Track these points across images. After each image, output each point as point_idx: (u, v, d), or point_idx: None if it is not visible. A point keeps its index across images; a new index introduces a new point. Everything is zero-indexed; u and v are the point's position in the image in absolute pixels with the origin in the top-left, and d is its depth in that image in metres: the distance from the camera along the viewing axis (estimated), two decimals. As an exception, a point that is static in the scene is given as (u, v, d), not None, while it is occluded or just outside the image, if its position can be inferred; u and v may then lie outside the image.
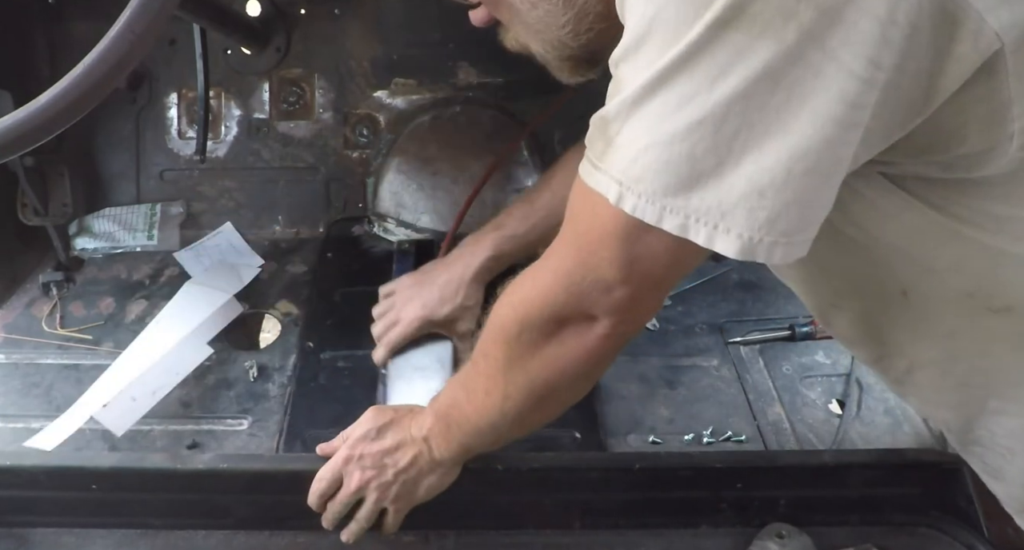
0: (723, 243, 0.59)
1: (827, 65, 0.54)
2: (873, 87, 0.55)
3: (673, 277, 0.70)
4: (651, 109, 0.59)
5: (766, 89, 0.55)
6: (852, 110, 0.56)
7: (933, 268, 0.71)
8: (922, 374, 0.82)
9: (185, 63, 1.58)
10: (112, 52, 0.79)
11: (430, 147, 1.64)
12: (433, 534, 0.96)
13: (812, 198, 0.59)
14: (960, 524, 0.92)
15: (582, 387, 0.83)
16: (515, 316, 0.79)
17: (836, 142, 0.56)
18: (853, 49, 0.54)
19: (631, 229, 0.63)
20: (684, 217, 0.59)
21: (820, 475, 0.94)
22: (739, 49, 0.54)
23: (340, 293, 1.51)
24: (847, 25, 0.53)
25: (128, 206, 1.68)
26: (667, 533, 0.96)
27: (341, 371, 1.35)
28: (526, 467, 0.95)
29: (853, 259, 0.77)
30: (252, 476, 0.95)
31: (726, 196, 0.58)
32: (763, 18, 0.54)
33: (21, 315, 1.49)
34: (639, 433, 1.23)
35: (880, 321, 0.82)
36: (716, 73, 0.55)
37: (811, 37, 0.54)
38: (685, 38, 0.55)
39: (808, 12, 0.53)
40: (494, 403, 0.85)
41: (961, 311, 0.73)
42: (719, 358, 1.36)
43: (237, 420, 1.28)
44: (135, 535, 0.97)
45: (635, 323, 0.75)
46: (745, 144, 0.57)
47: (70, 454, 1.16)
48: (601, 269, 0.68)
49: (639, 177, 0.61)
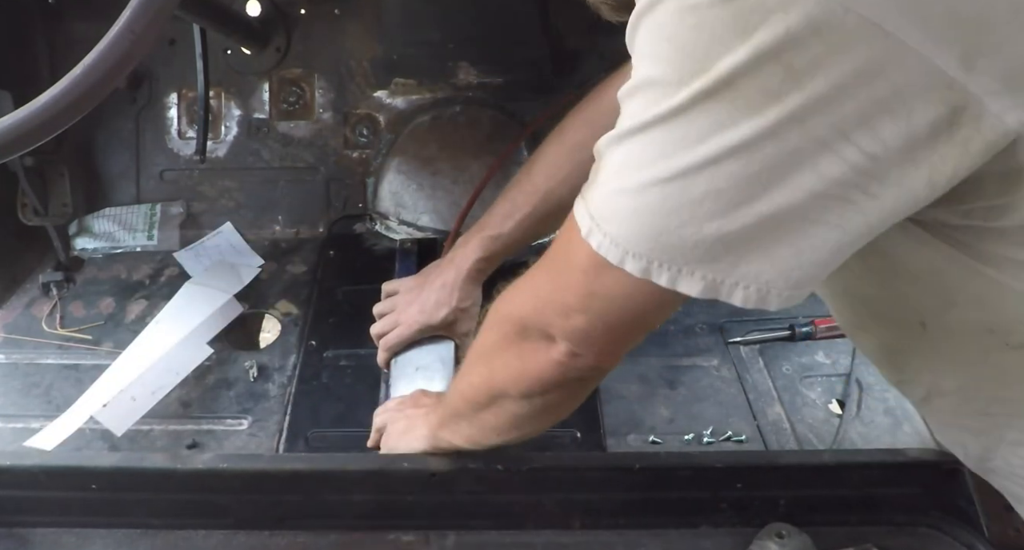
0: (687, 284, 0.59)
1: (807, 145, 0.54)
2: (862, 171, 0.55)
3: (631, 319, 0.68)
4: (630, 155, 0.60)
5: (740, 161, 0.55)
6: (836, 187, 0.55)
7: (953, 302, 0.71)
8: (941, 401, 0.82)
9: (185, 63, 1.58)
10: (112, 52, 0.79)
11: (430, 147, 1.64)
12: (433, 534, 0.96)
13: (787, 260, 0.58)
14: (960, 524, 0.92)
15: (535, 410, 0.81)
16: (498, 310, 0.80)
17: (813, 213, 0.56)
18: (838, 133, 0.53)
19: (594, 263, 0.63)
20: (647, 261, 0.60)
21: (820, 475, 0.94)
22: (719, 120, 0.55)
23: (342, 291, 1.51)
24: (833, 111, 0.53)
25: (128, 206, 1.68)
26: (667, 533, 0.96)
27: (343, 370, 1.35)
28: (526, 467, 0.95)
29: (874, 288, 0.77)
30: (252, 476, 0.95)
31: (690, 250, 0.58)
32: (747, 95, 0.53)
33: (21, 315, 1.49)
34: (639, 433, 1.23)
35: (899, 348, 0.81)
36: (693, 138, 0.56)
37: (793, 118, 0.53)
38: (671, 99, 0.56)
39: (793, 96, 0.53)
40: (462, 384, 0.88)
41: (979, 345, 0.72)
42: (719, 358, 1.36)
43: (237, 420, 1.28)
44: (135, 535, 0.97)
45: (593, 358, 0.72)
46: (711, 210, 0.57)
47: (70, 454, 1.16)
48: (564, 292, 0.68)
49: (608, 217, 0.62)
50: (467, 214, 1.47)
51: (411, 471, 0.94)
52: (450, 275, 1.24)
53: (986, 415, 0.78)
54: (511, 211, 1.21)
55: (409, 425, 1.00)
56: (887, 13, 0.51)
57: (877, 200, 0.57)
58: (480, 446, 0.91)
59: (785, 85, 0.53)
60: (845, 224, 0.58)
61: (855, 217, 0.57)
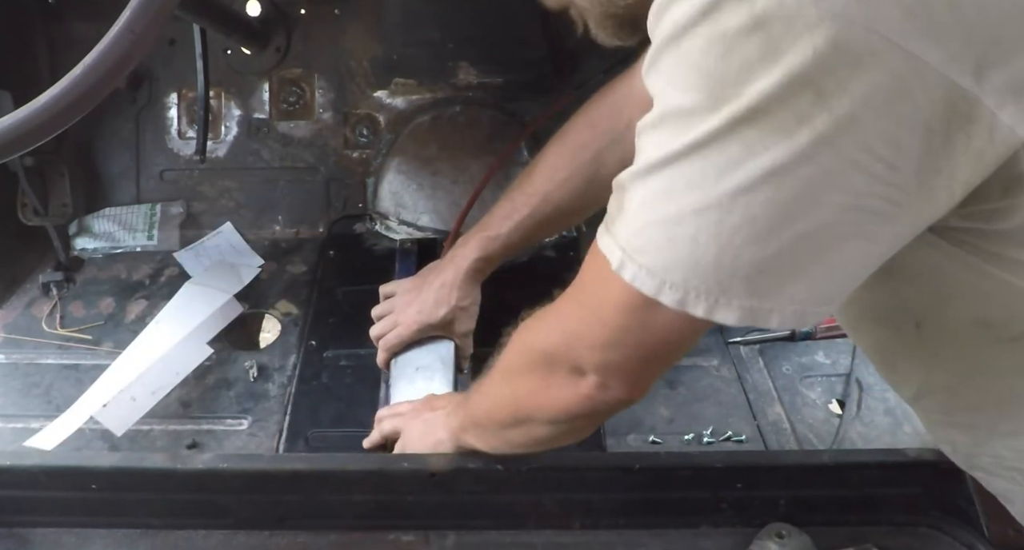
0: (723, 314, 0.60)
1: (838, 165, 0.55)
2: (889, 183, 0.56)
3: (665, 351, 0.69)
4: (660, 187, 0.60)
5: (773, 186, 0.56)
6: (865, 199, 0.56)
7: (950, 297, 0.71)
8: (932, 398, 0.83)
9: (185, 63, 1.58)
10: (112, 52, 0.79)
11: (430, 147, 1.64)
12: (433, 534, 0.96)
13: (822, 279, 0.60)
14: (960, 524, 0.92)
15: (560, 433, 0.83)
16: (523, 339, 0.81)
17: (844, 227, 0.58)
18: (866, 150, 0.55)
19: (629, 297, 0.64)
20: (684, 292, 0.60)
21: (820, 475, 0.94)
22: (750, 146, 0.55)
23: (342, 291, 1.51)
24: (860, 130, 0.54)
25: (128, 206, 1.68)
26: (667, 533, 0.96)
27: (343, 370, 1.35)
28: (526, 467, 0.95)
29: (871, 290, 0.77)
30: (252, 476, 0.95)
31: (727, 278, 0.59)
32: (778, 119, 0.54)
33: (21, 315, 1.49)
34: (639, 433, 1.23)
35: (894, 349, 0.82)
36: (724, 166, 0.56)
37: (823, 140, 0.54)
38: (701, 127, 0.56)
39: (822, 117, 0.53)
40: (486, 402, 0.90)
41: (974, 341, 0.73)
42: (719, 358, 1.36)
43: (237, 420, 1.28)
44: (135, 535, 0.97)
45: (624, 391, 0.73)
46: (747, 236, 0.57)
47: (70, 454, 1.16)
48: (596, 327, 0.69)
49: (642, 249, 0.62)
50: (467, 214, 1.47)
51: (411, 471, 0.94)
52: (449, 275, 1.24)
53: (977, 410, 0.79)
54: (511, 212, 1.22)
55: (428, 428, 1.01)
56: (908, 34, 0.52)
57: (902, 210, 0.58)
58: (500, 453, 0.93)
59: (815, 108, 0.54)
60: (874, 236, 0.59)
61: (883, 228, 0.59)
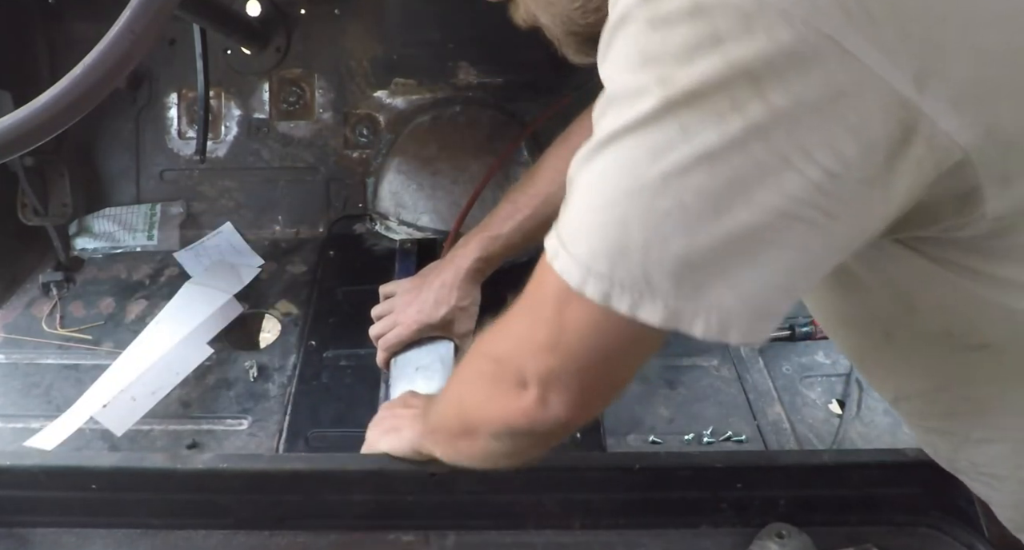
0: (648, 311, 0.58)
1: (770, 159, 0.54)
2: (823, 191, 0.55)
3: (600, 359, 0.64)
4: (598, 169, 0.59)
5: (705, 172, 0.54)
6: (798, 206, 0.55)
7: (914, 308, 0.71)
8: (908, 405, 0.83)
9: (185, 63, 1.58)
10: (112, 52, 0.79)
11: (430, 147, 1.64)
12: (433, 534, 0.96)
13: (749, 286, 0.57)
14: (960, 524, 0.92)
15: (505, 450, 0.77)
16: (480, 343, 0.77)
17: (776, 233, 0.56)
18: (800, 149, 0.54)
19: (561, 292, 0.61)
20: (608, 284, 0.58)
21: (820, 475, 0.94)
22: (686, 128, 0.54)
23: (342, 291, 1.51)
24: (796, 126, 0.53)
25: (128, 206, 1.68)
26: (667, 533, 0.96)
27: (343, 370, 1.35)
28: (526, 467, 0.95)
29: (839, 298, 0.77)
30: (252, 476, 0.95)
31: (653, 270, 0.57)
32: (713, 103, 0.53)
33: (21, 315, 1.49)
34: (639, 433, 1.23)
35: (866, 355, 0.82)
36: (659, 147, 0.55)
37: (757, 130, 0.53)
38: (639, 107, 0.55)
39: (757, 107, 0.53)
40: (441, 406, 0.85)
41: (941, 348, 0.73)
42: (719, 358, 1.36)
43: (237, 420, 1.28)
44: (135, 535, 0.97)
45: (562, 410, 0.68)
46: (676, 225, 0.56)
47: (70, 454, 1.16)
48: (535, 328, 0.66)
49: (573, 237, 0.60)
50: (467, 214, 1.47)
51: (411, 471, 0.94)
52: (449, 275, 1.24)
53: (952, 416, 0.78)
54: (512, 213, 1.21)
55: (395, 425, 0.99)
56: (845, 32, 0.52)
57: (837, 221, 0.56)
58: (457, 464, 0.87)
59: (751, 97, 0.53)
60: (806, 245, 0.57)
61: (816, 239, 0.57)
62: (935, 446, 0.84)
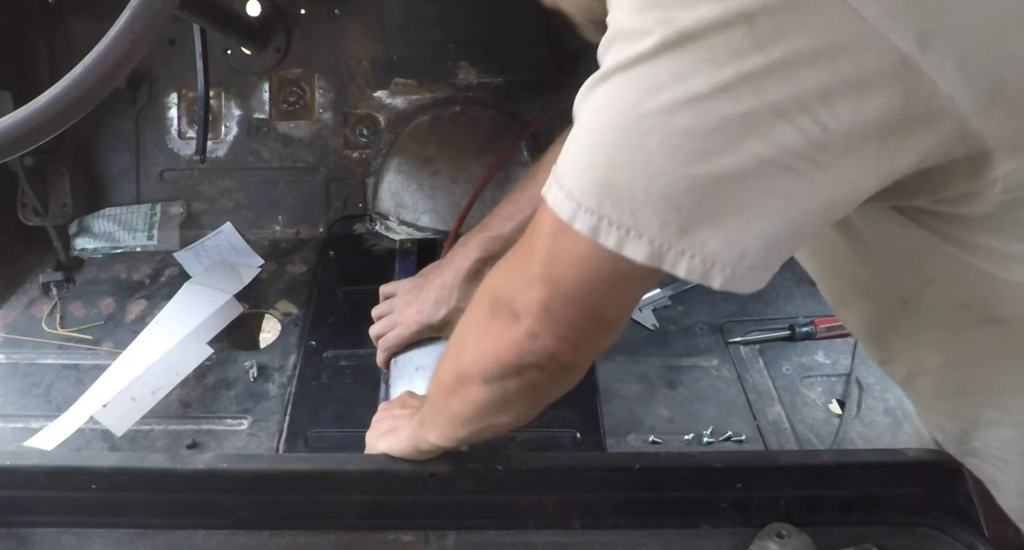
0: (633, 248, 0.59)
1: (762, 109, 0.54)
2: (814, 141, 0.55)
3: (585, 293, 0.65)
4: (592, 106, 0.60)
5: (693, 114, 0.55)
6: (787, 156, 0.55)
7: (930, 280, 0.71)
8: (921, 382, 0.83)
9: (185, 63, 1.58)
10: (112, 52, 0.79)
11: (430, 147, 1.64)
12: (433, 534, 0.96)
13: (734, 231, 0.58)
14: (960, 524, 0.92)
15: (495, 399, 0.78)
16: (482, 284, 0.78)
17: (762, 180, 0.56)
18: (794, 101, 0.54)
19: (554, 224, 0.63)
20: (596, 219, 0.59)
21: (820, 475, 0.94)
22: (677, 70, 0.55)
23: (342, 291, 1.51)
24: (791, 78, 0.54)
25: (128, 206, 1.68)
26: (667, 533, 0.96)
27: (343, 370, 1.35)
28: (526, 467, 0.95)
29: (856, 266, 0.77)
30: (252, 476, 0.95)
31: (639, 208, 0.58)
32: (708, 48, 0.54)
33: (21, 315, 1.49)
34: (639, 433, 1.23)
35: (882, 327, 0.82)
36: (651, 86, 0.56)
37: (749, 79, 0.54)
38: (636, 47, 0.56)
39: (753, 58, 0.53)
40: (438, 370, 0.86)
41: (956, 321, 0.73)
42: (719, 358, 1.36)
43: (237, 420, 1.28)
44: (135, 535, 0.97)
45: (551, 342, 0.69)
46: (663, 162, 0.56)
47: (70, 454, 1.16)
48: (529, 261, 0.67)
49: (566, 171, 0.62)
50: (467, 214, 1.47)
51: (411, 471, 0.94)
52: (449, 275, 1.24)
53: (963, 395, 0.79)
54: (512, 213, 1.21)
55: (393, 426, 0.99)
56: None
57: (826, 174, 0.57)
58: (453, 440, 0.88)
59: (748, 46, 0.53)
60: (793, 195, 0.57)
61: (803, 189, 0.57)
62: (945, 430, 0.85)
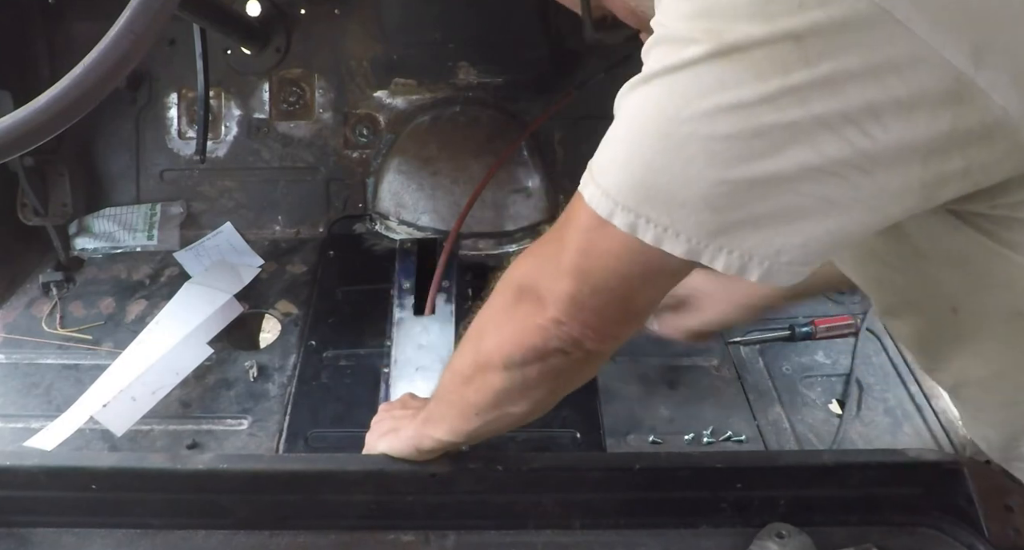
0: (671, 243, 0.60)
1: (806, 122, 0.55)
2: (860, 151, 0.56)
3: (615, 284, 0.67)
4: (633, 106, 0.61)
5: (734, 121, 0.56)
6: (830, 163, 0.56)
7: (983, 286, 0.71)
8: (968, 391, 0.83)
9: (185, 63, 1.58)
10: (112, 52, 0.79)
11: (430, 147, 1.64)
12: (433, 534, 0.96)
13: (772, 231, 0.59)
14: (960, 524, 0.92)
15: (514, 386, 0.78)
16: (508, 273, 0.79)
17: (805, 185, 0.57)
18: (841, 115, 0.55)
19: (588, 219, 0.64)
20: (635, 216, 0.61)
21: (820, 475, 0.94)
22: (724, 80, 0.56)
23: (342, 291, 1.51)
24: (838, 93, 0.55)
25: (128, 206, 1.68)
26: (667, 533, 0.96)
27: (343, 370, 1.35)
28: (526, 467, 0.95)
29: (905, 275, 0.78)
30: (252, 476, 0.95)
31: (678, 208, 0.59)
32: (754, 61, 0.55)
33: (21, 315, 1.49)
34: (639, 433, 1.23)
35: (930, 336, 0.82)
36: (694, 92, 0.57)
37: (794, 93, 0.55)
38: (682, 54, 0.57)
39: (801, 73, 0.54)
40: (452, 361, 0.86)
41: (1008, 330, 0.73)
42: (719, 358, 1.36)
43: (237, 420, 1.28)
44: (135, 535, 0.97)
45: (577, 329, 0.70)
46: (703, 166, 0.58)
47: (70, 454, 1.16)
48: (560, 252, 0.69)
49: (604, 169, 0.63)
50: (467, 214, 1.47)
51: (411, 471, 0.94)
52: None
53: (1012, 404, 0.79)
54: None
55: (394, 426, 0.99)
56: (906, 9, 0.53)
57: (872, 181, 0.58)
58: (461, 434, 0.88)
59: (795, 61, 0.54)
60: (836, 200, 0.59)
61: (847, 194, 0.58)
62: (989, 439, 0.85)
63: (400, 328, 1.40)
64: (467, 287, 1.47)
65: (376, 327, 1.41)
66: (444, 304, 1.44)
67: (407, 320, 1.41)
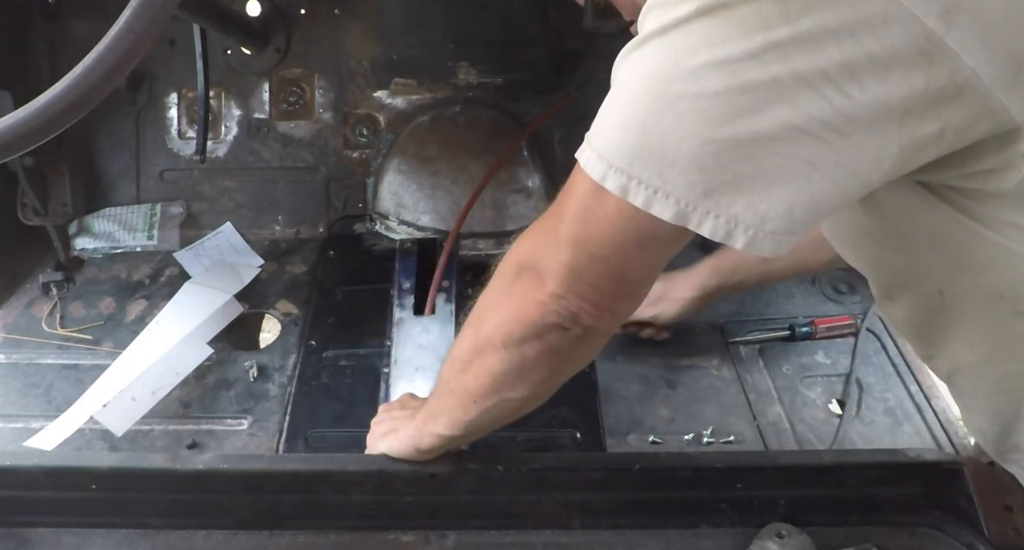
0: (660, 207, 0.61)
1: (787, 78, 0.56)
2: (839, 110, 0.57)
3: (610, 253, 0.67)
4: (627, 69, 0.63)
5: (722, 78, 0.57)
6: (812, 123, 0.57)
7: (964, 267, 0.72)
8: (961, 378, 0.84)
9: (185, 63, 1.58)
10: (112, 52, 0.79)
11: (430, 147, 1.64)
12: (433, 534, 0.96)
13: (758, 194, 0.60)
14: (960, 524, 0.92)
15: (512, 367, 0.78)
16: (509, 252, 0.79)
17: (786, 145, 0.58)
18: (820, 72, 0.56)
19: (585, 185, 0.65)
20: (627, 178, 0.62)
21: (820, 475, 0.94)
22: (711, 37, 0.57)
23: (342, 291, 1.51)
24: (818, 50, 0.56)
25: (128, 206, 1.68)
26: (667, 533, 0.96)
27: (343, 370, 1.35)
28: (526, 467, 0.95)
29: (896, 256, 0.78)
30: (252, 476, 0.95)
31: (667, 169, 0.60)
32: (740, 17, 0.57)
33: (21, 315, 1.49)
34: (639, 433, 1.23)
35: (922, 320, 0.83)
36: (684, 51, 0.58)
37: (776, 48, 0.56)
38: (672, 13, 0.59)
39: (783, 29, 0.56)
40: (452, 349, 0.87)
41: (992, 313, 0.74)
42: (719, 358, 1.36)
43: (237, 420, 1.28)
44: (135, 535, 0.97)
45: (575, 303, 0.71)
46: (692, 124, 0.59)
47: (70, 454, 1.16)
48: (559, 225, 0.69)
49: (598, 133, 0.64)
50: (467, 214, 1.47)
51: (411, 471, 0.94)
52: None
53: (1002, 392, 0.79)
54: None
55: (393, 426, 0.99)
56: None
57: (851, 142, 0.58)
58: (461, 426, 0.88)
59: (777, 17, 0.56)
60: (817, 163, 0.59)
61: (827, 156, 0.59)
62: (984, 432, 0.85)
63: (400, 328, 1.40)
64: (467, 287, 1.47)
65: (376, 327, 1.41)
66: (444, 304, 1.44)
67: (407, 320, 1.41)
